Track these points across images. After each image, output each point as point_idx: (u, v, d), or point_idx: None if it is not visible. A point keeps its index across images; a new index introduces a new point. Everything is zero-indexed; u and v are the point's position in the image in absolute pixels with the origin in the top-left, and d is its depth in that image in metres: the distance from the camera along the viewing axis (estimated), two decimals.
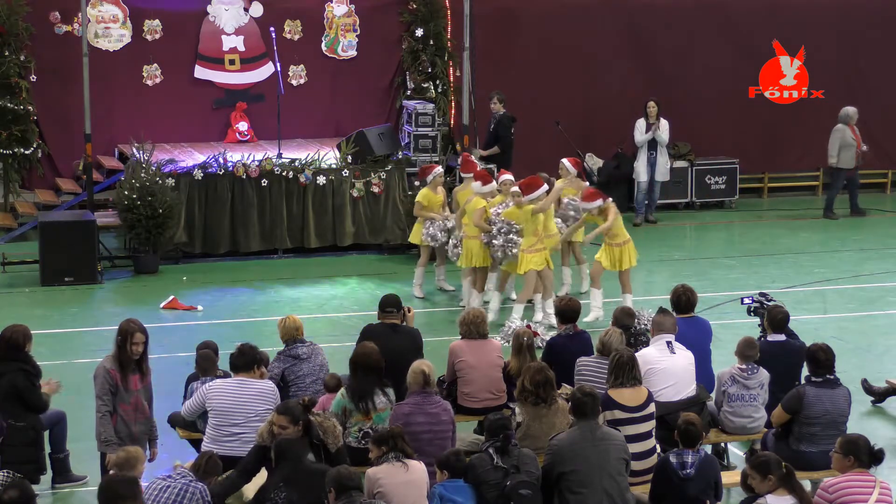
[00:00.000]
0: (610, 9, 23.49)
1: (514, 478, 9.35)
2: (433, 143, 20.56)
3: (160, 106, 21.61)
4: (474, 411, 11.63)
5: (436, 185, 17.53)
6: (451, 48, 22.35)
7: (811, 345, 11.02)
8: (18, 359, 10.97)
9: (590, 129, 23.29)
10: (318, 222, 19.83)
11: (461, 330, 11.81)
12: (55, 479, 11.42)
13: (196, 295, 17.67)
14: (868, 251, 20.54)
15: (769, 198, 24.78)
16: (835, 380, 10.81)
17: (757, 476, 8.95)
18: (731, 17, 24.12)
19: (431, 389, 10.21)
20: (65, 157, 21.34)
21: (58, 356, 14.76)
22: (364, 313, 15.76)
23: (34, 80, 20.95)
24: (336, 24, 22.42)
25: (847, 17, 24.50)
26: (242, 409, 10.33)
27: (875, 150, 25.15)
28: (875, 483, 9.11)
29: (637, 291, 18.00)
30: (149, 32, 21.63)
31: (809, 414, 10.66)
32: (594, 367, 11.11)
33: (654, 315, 11.73)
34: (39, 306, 17.22)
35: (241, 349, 10.75)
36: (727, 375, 11.37)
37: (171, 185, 19.10)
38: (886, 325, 16.52)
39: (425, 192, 17.58)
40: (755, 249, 20.48)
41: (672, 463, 9.59)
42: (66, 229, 18.31)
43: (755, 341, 11.52)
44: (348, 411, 10.52)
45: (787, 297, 16.37)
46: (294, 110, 21.80)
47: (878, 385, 13.65)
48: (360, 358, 10.64)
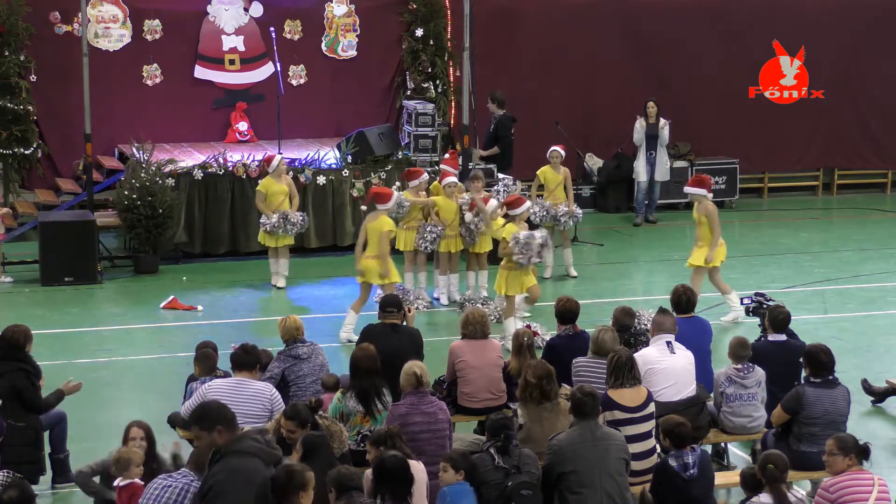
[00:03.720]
0: (610, 9, 23.49)
1: (514, 478, 9.35)
2: (433, 143, 20.56)
3: (160, 106, 21.61)
4: (474, 411, 11.63)
5: (418, 190, 17.40)
6: (451, 48, 22.35)
7: (811, 345, 11.00)
8: (19, 359, 10.98)
9: (590, 129, 23.30)
10: (318, 222, 19.84)
11: (464, 330, 11.80)
12: (55, 479, 11.41)
13: (196, 295, 17.67)
14: (868, 251, 20.54)
15: (769, 198, 24.79)
16: (833, 380, 10.81)
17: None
18: (731, 17, 24.11)
19: (425, 390, 10.20)
20: (65, 157, 21.34)
21: (58, 356, 14.76)
22: (364, 313, 15.75)
23: (34, 80, 20.95)
24: (336, 24, 22.43)
25: (847, 17, 24.51)
26: (240, 410, 10.31)
27: (875, 149, 25.20)
28: (874, 481, 9.12)
29: (637, 291, 18.05)
30: (149, 32, 21.64)
31: (809, 414, 10.66)
32: (592, 366, 11.09)
33: (654, 315, 11.73)
34: (39, 306, 17.22)
35: (245, 348, 10.76)
36: (723, 376, 11.37)
37: (171, 185, 19.11)
38: (886, 325, 16.52)
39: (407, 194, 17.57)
40: (755, 249, 20.48)
41: (673, 466, 9.56)
42: (66, 229, 18.31)
43: (746, 341, 11.52)
44: (345, 415, 10.52)
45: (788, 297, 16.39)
46: (294, 110, 21.80)
47: (878, 385, 13.64)
48: (361, 360, 10.62)
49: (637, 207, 22.76)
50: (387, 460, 8.51)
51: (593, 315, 15.58)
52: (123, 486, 9.47)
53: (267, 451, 7.88)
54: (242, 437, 7.88)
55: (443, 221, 17.00)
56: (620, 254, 20.36)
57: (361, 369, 10.57)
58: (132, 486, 9.40)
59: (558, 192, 18.52)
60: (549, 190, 18.56)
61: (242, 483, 7.66)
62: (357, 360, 10.65)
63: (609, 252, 20.23)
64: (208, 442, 7.88)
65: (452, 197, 17.04)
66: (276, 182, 18.05)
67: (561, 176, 18.55)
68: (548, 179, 18.58)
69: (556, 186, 18.52)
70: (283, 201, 17.96)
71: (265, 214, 17.92)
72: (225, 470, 7.68)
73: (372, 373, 10.55)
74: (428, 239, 16.93)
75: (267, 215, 17.88)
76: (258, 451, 7.81)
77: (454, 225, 17.03)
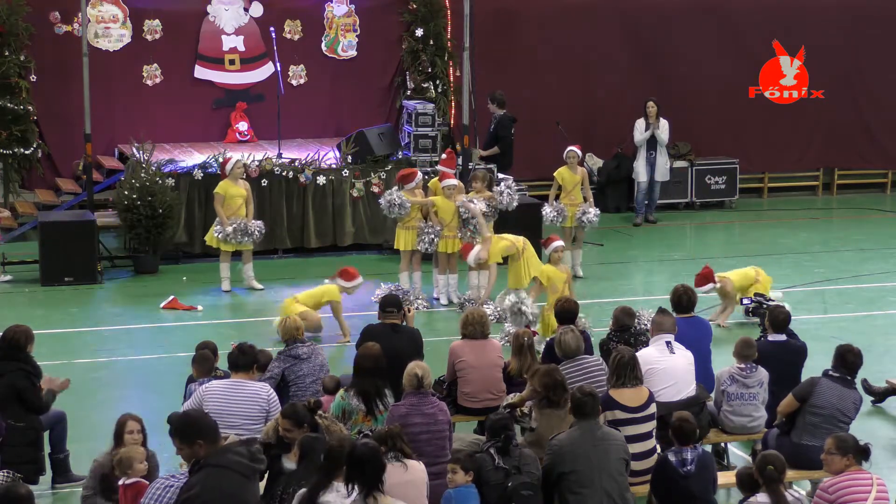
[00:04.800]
0: (610, 9, 23.49)
1: (515, 478, 9.35)
2: (433, 143, 20.55)
3: (160, 106, 21.61)
4: (474, 411, 11.63)
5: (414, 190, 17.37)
6: (451, 48, 22.35)
7: (843, 344, 11.02)
8: (19, 359, 10.98)
9: (590, 129, 23.29)
10: (318, 222, 19.84)
11: (464, 330, 11.80)
12: (55, 479, 11.41)
13: (196, 295, 17.67)
14: (868, 251, 20.54)
15: (769, 198, 24.80)
16: (851, 381, 10.82)
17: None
18: (731, 17, 24.12)
19: (426, 391, 10.20)
20: (65, 157, 21.34)
21: (58, 356, 14.75)
22: (364, 313, 15.75)
23: (34, 80, 20.95)
24: (336, 24, 22.43)
25: (847, 17, 24.51)
26: (237, 411, 10.32)
27: (875, 150, 25.19)
28: (873, 481, 9.13)
29: (637, 291, 18.05)
30: (149, 32, 21.64)
31: (816, 402, 10.66)
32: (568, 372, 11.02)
33: (654, 315, 11.73)
34: (39, 306, 17.22)
35: (242, 348, 10.74)
36: (726, 375, 11.40)
37: (171, 185, 19.11)
38: (886, 325, 16.51)
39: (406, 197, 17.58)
40: (755, 249, 20.48)
41: (672, 461, 9.59)
42: (66, 229, 18.31)
43: (752, 341, 11.55)
44: (347, 413, 10.51)
45: (788, 297, 16.41)
46: (294, 110, 21.80)
47: (878, 385, 13.65)
48: (363, 360, 10.62)
49: (637, 207, 22.76)
50: (358, 447, 8.50)
51: (593, 315, 15.58)
52: (129, 484, 9.48)
53: (246, 464, 7.82)
54: (223, 451, 7.83)
55: (441, 221, 17.00)
56: (620, 254, 20.36)
57: (363, 369, 10.57)
58: (137, 485, 9.41)
59: (576, 193, 18.47)
60: (566, 190, 18.51)
61: (217, 499, 7.66)
62: (360, 359, 10.65)
63: (609, 252, 20.23)
64: (188, 454, 7.88)
65: (451, 198, 17.04)
66: (234, 185, 17.83)
67: (578, 176, 18.50)
68: (565, 180, 18.52)
69: (574, 187, 18.48)
70: (240, 206, 17.82)
71: (221, 220, 17.72)
72: (201, 484, 7.66)
73: (374, 373, 10.53)
74: (426, 241, 16.94)
75: (223, 222, 17.69)
76: (236, 466, 7.75)
77: (452, 225, 17.03)
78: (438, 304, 17.27)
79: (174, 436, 8.00)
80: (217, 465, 7.71)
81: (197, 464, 7.77)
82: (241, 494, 7.74)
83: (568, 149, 18.59)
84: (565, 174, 18.49)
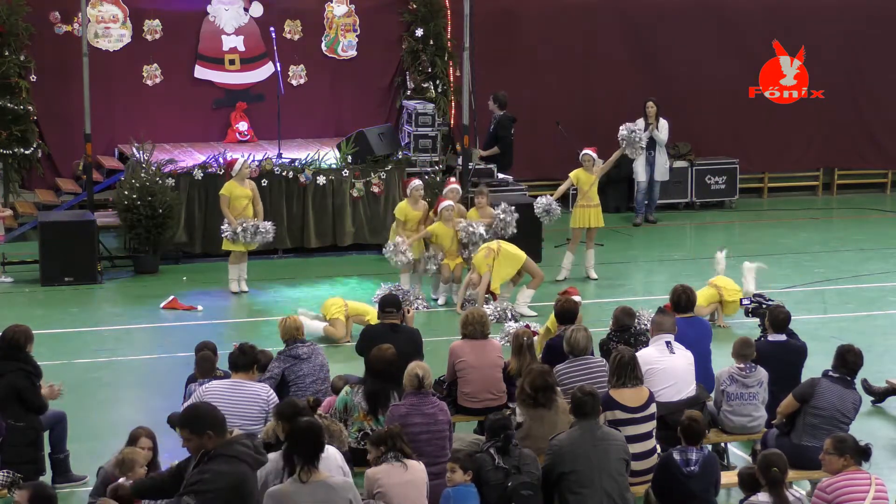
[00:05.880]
0: (610, 9, 23.49)
1: (515, 478, 9.36)
2: (433, 143, 20.56)
3: (160, 106, 21.60)
4: (474, 411, 11.63)
5: (415, 199, 17.47)
6: (451, 48, 22.34)
7: (844, 344, 11.04)
8: (19, 359, 10.98)
9: (590, 129, 23.27)
10: (318, 222, 19.83)
11: (464, 330, 11.80)
12: (55, 479, 11.40)
13: (196, 295, 17.67)
14: (868, 251, 20.54)
15: (769, 198, 24.79)
16: (851, 381, 10.83)
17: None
18: (731, 17, 24.12)
19: (426, 391, 10.19)
20: (65, 157, 21.33)
21: (58, 356, 14.76)
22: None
23: (34, 80, 20.94)
24: (336, 24, 22.42)
25: (847, 17, 24.50)
26: (237, 411, 10.31)
27: (875, 150, 25.20)
28: (871, 481, 9.12)
29: (637, 291, 18.05)
30: (149, 32, 21.63)
31: (816, 404, 10.67)
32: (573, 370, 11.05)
33: (654, 315, 11.74)
34: (39, 306, 17.23)
35: (243, 348, 10.74)
36: (726, 375, 11.40)
37: (171, 185, 19.11)
38: (886, 325, 16.52)
39: (403, 206, 17.60)
40: (755, 249, 20.46)
41: (676, 460, 9.59)
42: (66, 229, 18.31)
43: (751, 340, 11.55)
44: (349, 408, 10.50)
45: (788, 297, 16.39)
46: (294, 110, 21.79)
47: (878, 385, 13.65)
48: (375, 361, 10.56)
49: (637, 207, 22.76)
50: (300, 423, 8.44)
51: (593, 315, 15.59)
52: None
53: (255, 456, 7.99)
54: (233, 442, 7.96)
55: (440, 248, 17.15)
56: (620, 254, 20.36)
57: (373, 371, 10.51)
58: None
59: (591, 193, 18.47)
60: (582, 192, 18.49)
61: (226, 486, 7.75)
62: (372, 359, 10.57)
63: (609, 252, 20.21)
64: (196, 445, 7.93)
65: (449, 222, 17.14)
66: (240, 186, 17.83)
67: (593, 177, 18.49)
68: (581, 181, 18.49)
69: (590, 188, 18.46)
70: (246, 206, 17.83)
71: (228, 221, 17.68)
72: (212, 471, 7.77)
73: (384, 376, 10.46)
74: (430, 269, 17.27)
75: (230, 222, 17.66)
76: (245, 456, 7.90)
77: (452, 250, 17.22)
78: (437, 305, 17.29)
79: (184, 427, 8.04)
80: (228, 455, 7.82)
81: (206, 454, 7.84)
82: (248, 483, 7.90)
83: (584, 152, 18.51)
84: (581, 175, 18.41)
